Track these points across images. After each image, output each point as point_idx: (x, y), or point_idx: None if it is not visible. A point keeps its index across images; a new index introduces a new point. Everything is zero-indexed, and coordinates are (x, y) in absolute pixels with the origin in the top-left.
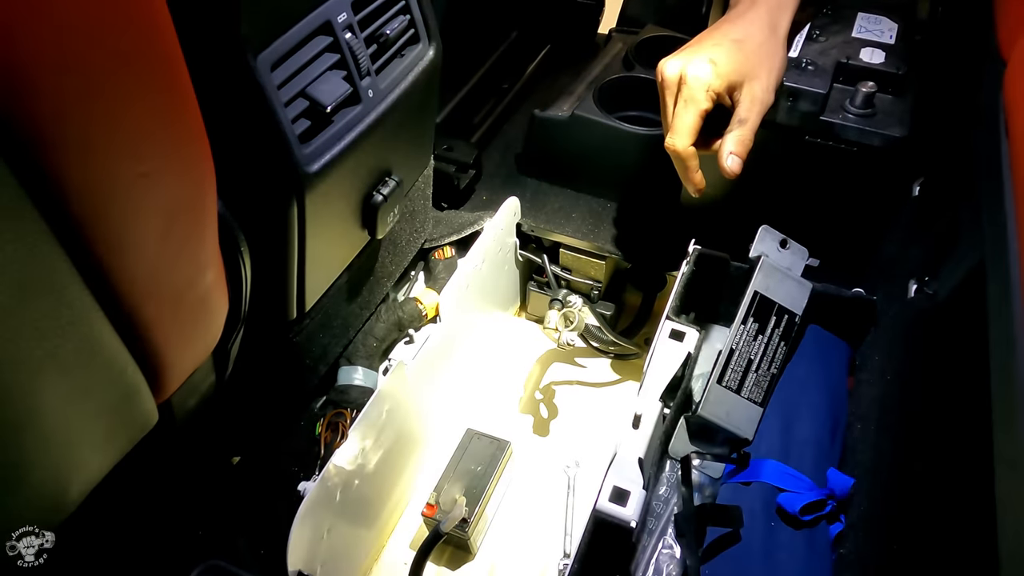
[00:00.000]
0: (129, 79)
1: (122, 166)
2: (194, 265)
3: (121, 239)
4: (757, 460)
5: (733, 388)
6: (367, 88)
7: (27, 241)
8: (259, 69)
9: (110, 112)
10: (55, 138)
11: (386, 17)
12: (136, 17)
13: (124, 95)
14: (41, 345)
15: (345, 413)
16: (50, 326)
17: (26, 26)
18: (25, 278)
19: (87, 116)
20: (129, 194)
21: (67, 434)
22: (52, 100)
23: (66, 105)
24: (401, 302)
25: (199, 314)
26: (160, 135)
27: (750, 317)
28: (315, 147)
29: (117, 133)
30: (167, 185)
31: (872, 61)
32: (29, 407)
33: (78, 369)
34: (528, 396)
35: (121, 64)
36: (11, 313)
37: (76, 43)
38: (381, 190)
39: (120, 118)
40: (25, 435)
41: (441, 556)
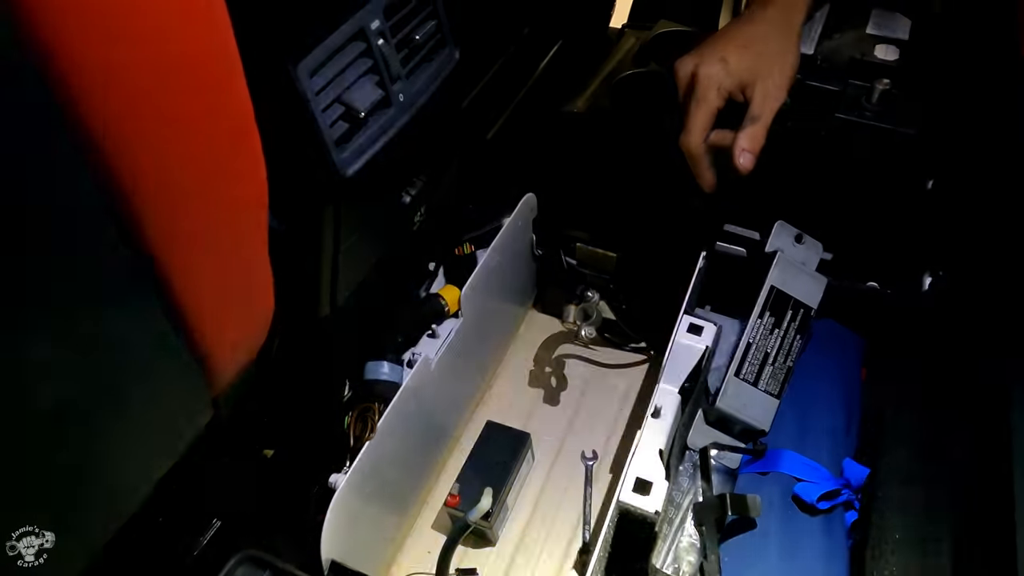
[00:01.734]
0: (203, 113)
1: (183, 183)
2: (249, 275)
3: (184, 253)
4: (774, 450)
5: (750, 381)
6: (398, 92)
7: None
8: (299, 77)
9: (188, 147)
10: (143, 186)
11: (416, 22)
12: (214, 59)
13: (199, 130)
14: (120, 350)
15: (372, 407)
16: (127, 331)
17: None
18: (117, 296)
19: (170, 157)
20: (191, 211)
21: (141, 434)
22: (149, 153)
23: (154, 151)
24: (424, 298)
25: (251, 317)
26: (219, 153)
27: (767, 311)
28: (351, 151)
29: (192, 164)
30: (224, 199)
31: (887, 58)
32: (109, 410)
33: (156, 374)
34: (546, 389)
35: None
36: (103, 326)
37: (165, 95)
38: (410, 190)
39: (195, 150)
40: (106, 436)
41: (465, 545)
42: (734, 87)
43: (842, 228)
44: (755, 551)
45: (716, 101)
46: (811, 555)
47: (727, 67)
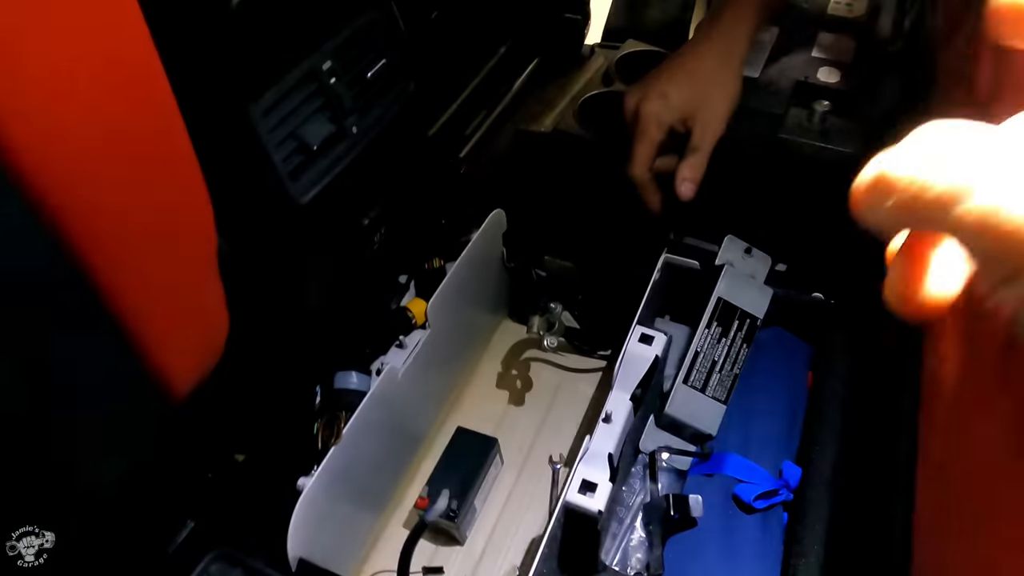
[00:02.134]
0: (145, 165)
1: (136, 227)
2: (198, 298)
3: (133, 281)
4: (719, 454)
5: (698, 387)
6: (351, 125)
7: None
8: (253, 116)
9: (114, 171)
10: (89, 222)
11: (367, 60)
12: (147, 108)
13: (142, 179)
14: (84, 374)
15: (340, 415)
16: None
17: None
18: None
19: (116, 205)
20: (144, 248)
21: (97, 447)
22: (88, 191)
23: (97, 196)
24: (392, 311)
25: (204, 338)
26: (159, 184)
27: (714, 321)
28: (305, 180)
29: (132, 203)
30: (174, 237)
31: (828, 80)
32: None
33: (107, 391)
34: (516, 395)
35: (134, 149)
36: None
37: (100, 148)
38: (369, 214)
39: (135, 190)
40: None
41: (434, 544)
42: (675, 120)
43: (788, 243)
44: (696, 548)
45: (657, 135)
46: (748, 552)
47: (667, 103)
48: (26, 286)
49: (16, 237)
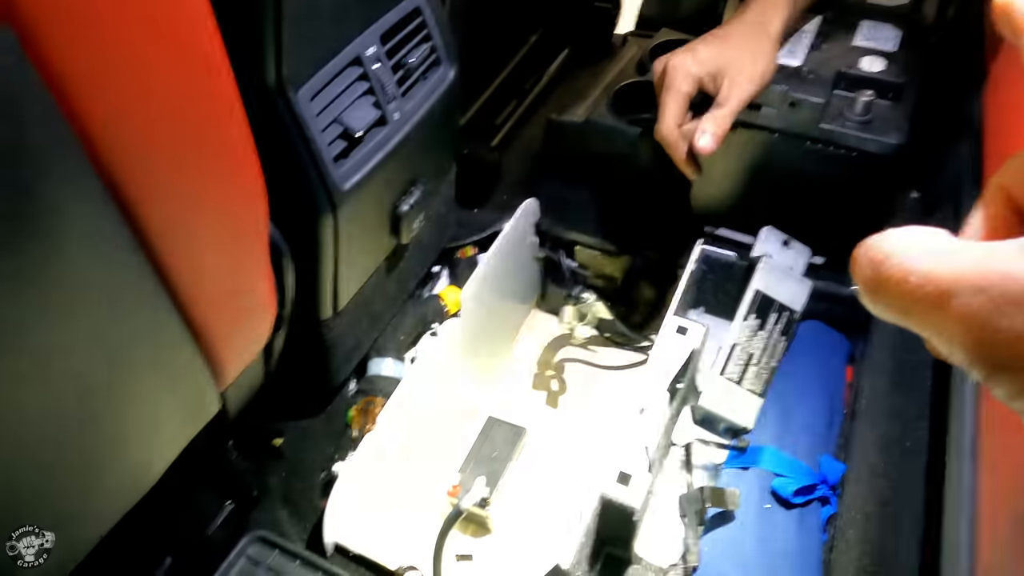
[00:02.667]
0: (197, 134)
1: (191, 205)
2: (248, 279)
3: (193, 263)
4: (756, 447)
5: (735, 380)
6: (393, 111)
7: (132, 273)
8: (299, 102)
9: (180, 163)
10: (139, 189)
11: (410, 46)
12: (197, 70)
13: (192, 148)
14: (140, 348)
15: (375, 400)
16: (146, 334)
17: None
18: (132, 299)
19: (163, 169)
20: (198, 227)
21: (155, 417)
22: (136, 157)
23: (158, 163)
24: (426, 299)
25: (251, 320)
26: (222, 174)
27: (751, 314)
28: (347, 167)
29: (186, 179)
30: (229, 215)
31: (871, 70)
32: (130, 397)
33: (164, 367)
34: (546, 385)
35: (187, 118)
36: (120, 326)
37: (164, 118)
38: (407, 200)
39: (188, 167)
40: (125, 418)
41: (464, 532)
42: (703, 74)
43: (832, 233)
44: (733, 542)
45: (685, 87)
46: (785, 547)
47: (696, 56)
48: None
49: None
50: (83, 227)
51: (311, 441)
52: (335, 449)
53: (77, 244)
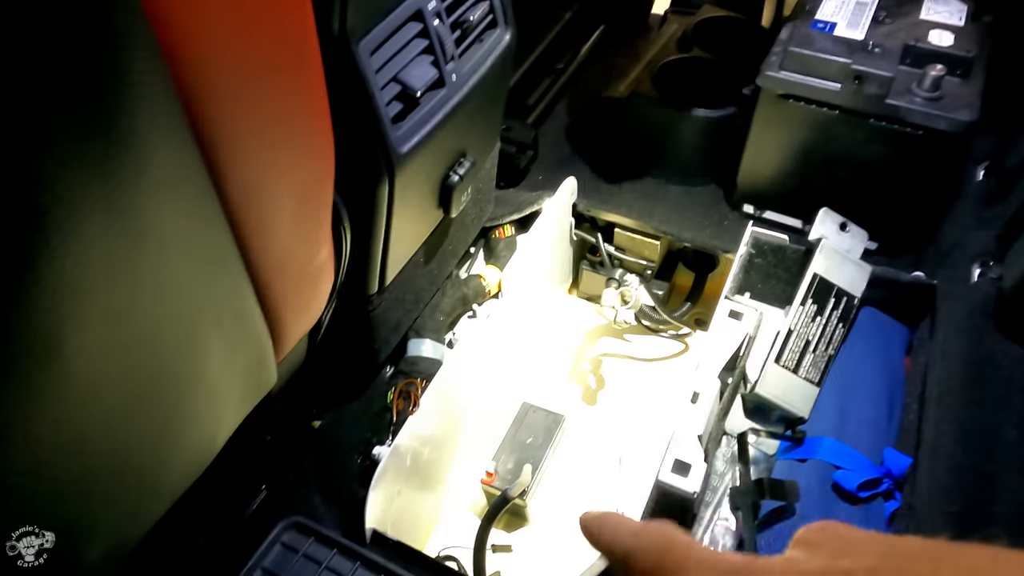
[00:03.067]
0: (280, 87)
1: (269, 161)
2: (314, 243)
3: (264, 222)
4: (813, 438)
5: (790, 368)
6: (451, 72)
7: (210, 222)
8: (360, 56)
9: (262, 115)
10: (222, 139)
11: (470, 3)
12: (288, 28)
13: (274, 86)
14: (213, 312)
15: (415, 383)
16: (219, 296)
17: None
18: (208, 254)
19: (246, 121)
20: (273, 184)
21: (221, 390)
22: (223, 105)
23: (231, 110)
24: (465, 279)
25: (313, 286)
26: (298, 123)
27: (809, 299)
28: (405, 129)
29: (266, 133)
30: (300, 169)
31: (941, 44)
32: (199, 366)
33: (233, 333)
34: (581, 372)
35: (273, 59)
36: (196, 283)
37: (244, 60)
38: (457, 170)
39: (269, 120)
40: (195, 389)
41: (498, 522)
42: None
43: (889, 216)
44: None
45: None
46: None
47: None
48: None
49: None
50: (168, 168)
51: (349, 424)
52: (373, 433)
53: (161, 185)
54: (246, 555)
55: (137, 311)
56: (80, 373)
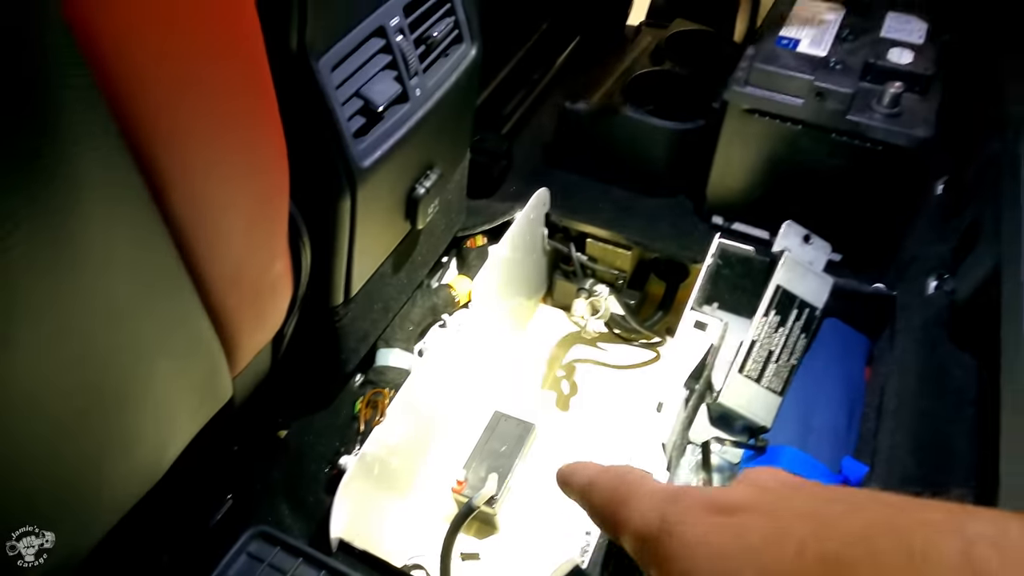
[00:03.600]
0: (225, 89)
1: (217, 180)
2: (268, 257)
3: (214, 239)
4: (775, 447)
5: (753, 377)
6: (415, 87)
7: (152, 243)
8: (320, 72)
9: (208, 136)
10: (165, 161)
11: (434, 19)
12: (233, 47)
13: (220, 103)
14: (158, 329)
15: (383, 392)
16: (164, 313)
17: (138, 38)
18: (150, 273)
19: (191, 141)
20: (222, 202)
21: (169, 405)
22: (165, 126)
23: (174, 131)
24: (436, 288)
25: (269, 300)
26: (248, 139)
27: (772, 310)
28: (367, 143)
29: (213, 152)
30: (252, 185)
31: (900, 61)
32: (144, 383)
33: (181, 349)
34: (553, 380)
35: (218, 76)
36: (138, 302)
37: (182, 63)
38: (423, 183)
39: (216, 124)
40: (141, 406)
41: (468, 530)
42: None
43: (852, 229)
44: None
45: None
46: None
47: None
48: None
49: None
50: (103, 187)
51: (316, 433)
52: (340, 442)
53: (96, 204)
54: (211, 565)
55: (76, 332)
56: (17, 392)
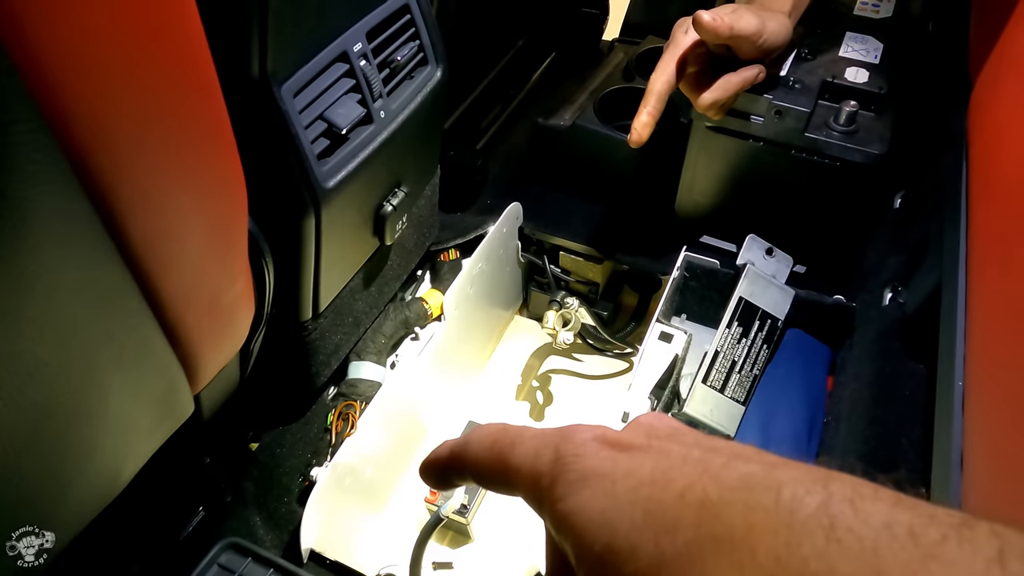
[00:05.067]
0: (176, 116)
1: (171, 203)
2: (227, 276)
3: (169, 256)
4: None
5: (717, 388)
6: (379, 109)
7: (102, 264)
8: (283, 97)
9: (161, 147)
10: (117, 186)
11: (397, 44)
12: (180, 58)
13: (172, 131)
14: (110, 348)
15: (355, 405)
16: (117, 332)
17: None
18: (100, 294)
19: (142, 167)
20: (177, 217)
21: (124, 423)
22: (116, 153)
23: (126, 158)
24: (408, 302)
25: (229, 318)
26: (202, 164)
27: (735, 321)
28: (331, 165)
29: (165, 177)
30: (208, 207)
31: (856, 80)
32: (97, 400)
33: (135, 367)
34: (527, 391)
35: (168, 104)
36: (89, 323)
37: (128, 91)
38: (391, 200)
39: (169, 152)
40: (94, 424)
41: (443, 540)
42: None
43: (815, 242)
44: None
45: (684, 42)
46: None
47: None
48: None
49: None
50: (53, 215)
51: (288, 446)
52: (313, 454)
53: (46, 231)
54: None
55: (25, 353)
56: None
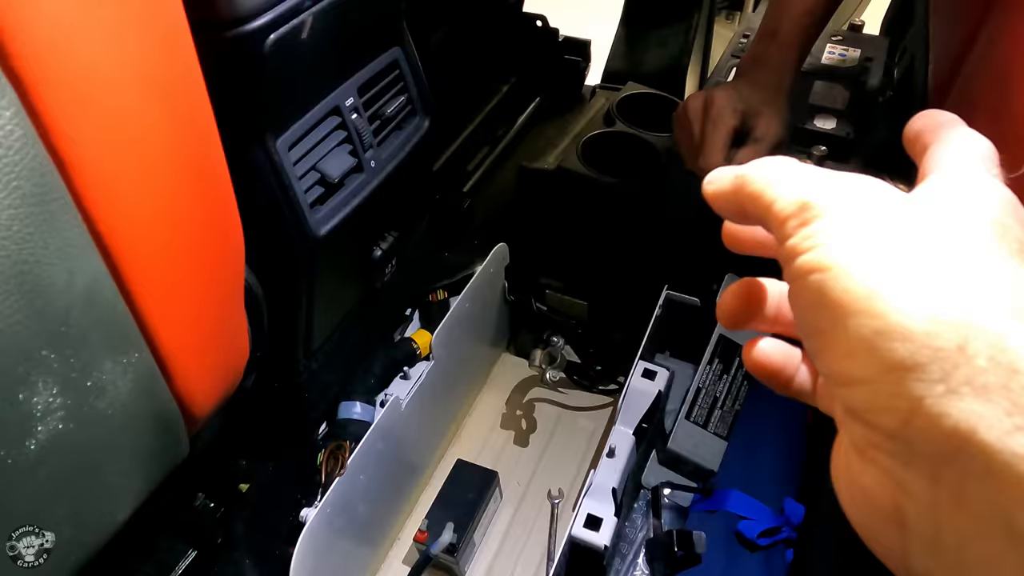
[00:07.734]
0: (185, 174)
1: (172, 262)
2: (225, 324)
3: (170, 305)
4: (721, 490)
5: (700, 423)
6: (370, 159)
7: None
8: (277, 150)
9: (162, 219)
10: (125, 229)
11: (387, 97)
12: (191, 119)
13: (181, 188)
14: (111, 392)
15: (344, 445)
16: (118, 379)
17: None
18: (103, 339)
19: (152, 212)
20: (180, 272)
21: (120, 465)
22: (124, 200)
23: (137, 204)
24: (398, 342)
25: (227, 363)
26: (204, 220)
27: (715, 358)
28: (324, 213)
29: (167, 235)
30: (208, 261)
31: (824, 127)
32: (94, 445)
33: (134, 410)
34: (516, 429)
35: (178, 166)
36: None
37: (148, 171)
38: (381, 244)
39: (174, 211)
40: (90, 469)
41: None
42: (746, 109)
43: None
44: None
45: (731, 120)
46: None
47: (739, 93)
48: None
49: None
50: (57, 256)
51: (278, 486)
52: (303, 494)
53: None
54: None
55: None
56: None
